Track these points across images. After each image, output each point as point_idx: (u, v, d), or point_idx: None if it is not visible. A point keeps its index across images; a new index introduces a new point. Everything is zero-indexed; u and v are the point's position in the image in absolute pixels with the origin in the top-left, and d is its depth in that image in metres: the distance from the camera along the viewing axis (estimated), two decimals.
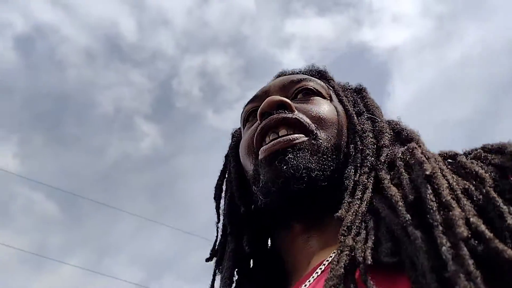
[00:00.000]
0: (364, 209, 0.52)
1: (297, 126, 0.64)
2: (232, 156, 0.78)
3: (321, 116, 0.66)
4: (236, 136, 0.82)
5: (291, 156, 0.59)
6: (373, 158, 0.60)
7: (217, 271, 0.71)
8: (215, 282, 0.71)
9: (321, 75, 0.80)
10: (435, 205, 0.44)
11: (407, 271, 0.42)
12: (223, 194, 0.78)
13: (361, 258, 0.45)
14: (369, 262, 0.44)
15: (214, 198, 0.78)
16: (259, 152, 0.64)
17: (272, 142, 0.62)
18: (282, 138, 0.62)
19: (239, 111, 0.80)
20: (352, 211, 0.53)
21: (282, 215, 0.65)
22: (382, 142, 0.63)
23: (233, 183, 0.75)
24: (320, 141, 0.62)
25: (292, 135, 0.62)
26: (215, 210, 0.77)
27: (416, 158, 0.53)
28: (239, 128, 0.81)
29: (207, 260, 0.73)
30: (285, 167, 0.59)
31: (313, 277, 0.55)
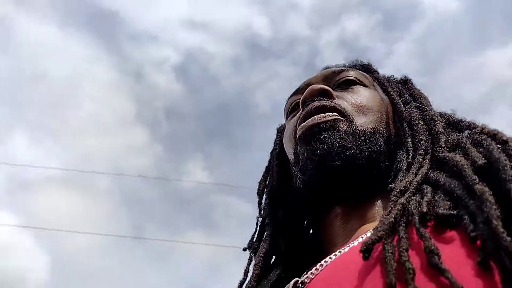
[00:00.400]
0: (419, 179, 0.51)
1: (335, 112, 0.64)
2: (276, 152, 0.79)
3: (360, 103, 0.66)
4: (281, 131, 0.82)
5: (326, 135, 0.60)
6: (427, 143, 0.59)
7: (253, 256, 0.70)
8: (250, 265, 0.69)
9: (365, 68, 0.80)
10: (510, 164, 0.43)
11: (465, 222, 0.41)
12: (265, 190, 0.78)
13: (416, 210, 0.44)
14: (425, 210, 0.44)
15: (257, 193, 0.79)
16: (297, 131, 0.66)
17: (308, 119, 0.64)
18: (317, 115, 0.63)
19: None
20: (406, 180, 0.51)
21: (321, 196, 0.63)
22: (436, 129, 0.61)
23: (275, 179, 0.76)
24: (357, 124, 0.63)
25: (327, 113, 0.63)
26: (257, 204, 0.78)
27: (488, 132, 0.52)
28: (285, 124, 0.81)
29: (244, 249, 0.73)
30: (320, 145, 0.60)
31: (353, 243, 0.52)
